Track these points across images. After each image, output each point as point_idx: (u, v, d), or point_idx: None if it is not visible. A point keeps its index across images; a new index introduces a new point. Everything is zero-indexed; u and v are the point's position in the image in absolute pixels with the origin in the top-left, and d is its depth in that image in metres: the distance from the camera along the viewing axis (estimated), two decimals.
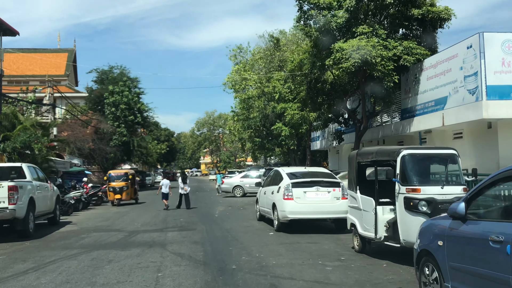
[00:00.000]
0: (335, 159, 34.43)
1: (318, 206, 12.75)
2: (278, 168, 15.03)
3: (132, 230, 14.51)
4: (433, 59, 20.06)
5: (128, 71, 46.71)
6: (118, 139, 43.34)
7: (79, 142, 40.89)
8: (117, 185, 25.32)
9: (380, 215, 9.03)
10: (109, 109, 43.60)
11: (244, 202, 25.29)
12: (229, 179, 32.37)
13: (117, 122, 43.79)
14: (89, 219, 18.60)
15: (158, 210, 21.33)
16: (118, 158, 43.32)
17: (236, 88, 48.12)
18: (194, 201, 27.79)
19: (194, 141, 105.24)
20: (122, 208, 23.86)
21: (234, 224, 15.38)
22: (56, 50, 63.44)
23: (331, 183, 13.02)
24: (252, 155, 58.28)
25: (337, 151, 34.26)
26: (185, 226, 15.25)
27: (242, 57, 50.78)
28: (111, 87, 43.76)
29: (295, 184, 12.91)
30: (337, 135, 25.54)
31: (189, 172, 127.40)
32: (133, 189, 26.57)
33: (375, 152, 9.36)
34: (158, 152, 66.65)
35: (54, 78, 58.15)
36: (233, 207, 22.71)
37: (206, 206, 23.73)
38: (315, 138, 36.71)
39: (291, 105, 30.40)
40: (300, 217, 12.85)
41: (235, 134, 50.10)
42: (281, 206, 12.90)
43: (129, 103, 43.84)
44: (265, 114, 45.30)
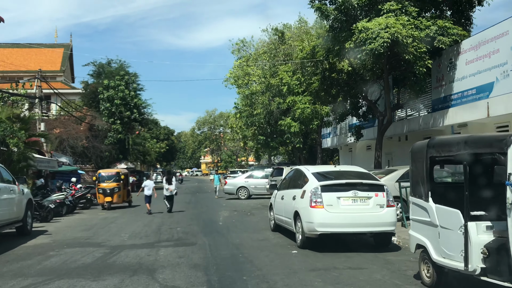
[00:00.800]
0: (347, 158, 31.30)
1: (356, 217, 9.62)
2: (300, 167, 11.83)
3: (116, 244, 11.38)
4: (474, 40, 16.91)
5: (128, 65, 43.60)
6: (113, 136, 40.21)
7: (72, 139, 37.90)
8: (108, 186, 22.18)
9: (473, 235, 5.89)
10: (104, 105, 40.46)
11: (250, 206, 22.17)
12: (232, 179, 29.25)
13: (112, 118, 40.64)
14: (69, 227, 15.46)
15: (153, 216, 18.20)
16: (113, 156, 40.18)
17: (239, 83, 45.03)
18: (194, 203, 24.72)
19: (194, 140, 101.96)
20: (112, 212, 20.72)
21: (244, 236, 12.25)
22: (51, 46, 60.29)
23: (372, 186, 9.89)
24: (254, 154, 55.17)
25: (349, 149, 31.13)
26: (182, 238, 12.12)
27: (245, 51, 47.71)
28: (106, 81, 40.62)
29: (326, 187, 9.79)
30: (355, 131, 22.38)
31: (190, 172, 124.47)
32: (126, 190, 23.45)
33: (463, 142, 6.20)
34: (157, 151, 63.53)
35: (49, 74, 55.54)
36: (238, 211, 19.58)
37: (208, 210, 20.61)
38: (325, 135, 33.60)
39: (301, 99, 27.29)
40: (333, 231, 9.73)
41: (237, 131, 46.98)
42: (308, 216, 9.78)
43: (125, 98, 40.68)
44: (270, 110, 42.21)
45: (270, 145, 43.42)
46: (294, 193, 10.74)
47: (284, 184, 12.29)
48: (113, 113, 40.62)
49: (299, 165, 37.47)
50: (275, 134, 43.89)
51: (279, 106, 41.18)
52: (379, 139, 20.67)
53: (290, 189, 11.34)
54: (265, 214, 17.75)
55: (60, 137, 37.89)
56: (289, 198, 11.03)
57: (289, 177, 12.07)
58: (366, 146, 28.13)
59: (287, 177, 12.36)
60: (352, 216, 9.61)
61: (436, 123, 18.90)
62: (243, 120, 44.29)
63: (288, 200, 11.10)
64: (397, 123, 22.46)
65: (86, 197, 23.12)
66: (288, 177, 12.11)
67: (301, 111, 26.64)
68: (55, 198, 18.78)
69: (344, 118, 23.24)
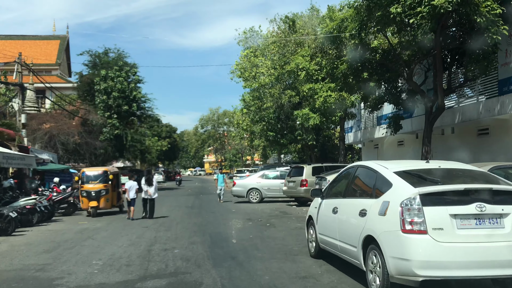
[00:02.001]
0: (372, 156, 26.98)
1: (485, 250, 5.34)
2: (368, 163, 7.34)
3: (77, 284, 7.13)
4: None
5: (127, 55, 39.25)
6: (109, 132, 35.95)
7: (63, 135, 33.70)
8: (93, 188, 17.94)
9: None
10: (100, 97, 36.20)
11: (266, 212, 17.90)
12: (242, 180, 24.97)
13: (109, 112, 36.37)
14: (30, 245, 11.20)
15: (144, 227, 13.95)
16: (109, 154, 35.94)
17: (246, 75, 40.74)
18: (198, 208, 20.44)
19: (197, 139, 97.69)
20: (96, 221, 16.46)
21: (273, 266, 7.96)
22: (47, 37, 56.14)
23: (507, 196, 5.63)
24: (262, 153, 50.90)
25: (375, 146, 26.79)
26: (181, 271, 7.83)
27: (253, 41, 43.44)
28: (103, 72, 36.35)
29: (430, 197, 5.51)
30: (393, 121, 18.05)
31: (193, 171, 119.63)
32: (116, 193, 19.21)
33: None
34: (158, 149, 59.25)
35: (44, 67, 51.41)
36: (254, 220, 15.31)
37: (215, 219, 16.31)
38: (346, 130, 29.30)
39: (322, 86, 22.99)
40: (448, 275, 5.40)
41: (244, 128, 42.68)
42: (397, 247, 5.50)
43: (124, 90, 36.38)
44: (280, 104, 37.99)
45: (280, 142, 39.25)
46: (363, 205, 6.43)
47: (337, 189, 7.96)
48: (110, 107, 36.36)
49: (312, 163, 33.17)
50: (285, 130, 39.71)
51: (291, 99, 37.03)
52: (428, 131, 16.34)
53: (352, 198, 7.06)
54: (289, 225, 13.57)
55: (50, 132, 33.79)
56: (352, 212, 6.72)
57: (347, 178, 7.72)
58: (397, 141, 23.86)
59: (342, 178, 8.04)
60: (479, 248, 5.33)
61: (504, 110, 14.62)
62: (250, 115, 40.06)
63: (350, 216, 6.79)
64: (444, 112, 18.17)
65: (68, 201, 18.92)
66: (346, 179, 7.76)
67: (323, 100, 22.33)
68: (23, 204, 14.59)
69: (378, 107, 18.90)
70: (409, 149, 22.83)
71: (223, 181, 24.46)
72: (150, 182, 16.69)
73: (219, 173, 25.11)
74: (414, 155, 22.21)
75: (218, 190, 24.10)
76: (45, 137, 33.50)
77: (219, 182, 24.33)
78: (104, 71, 36.22)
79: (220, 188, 24.06)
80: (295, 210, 18.60)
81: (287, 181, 21.29)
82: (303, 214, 16.00)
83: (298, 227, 13.09)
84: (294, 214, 17.24)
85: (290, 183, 20.91)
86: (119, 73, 36.20)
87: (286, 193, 21.44)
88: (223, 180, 24.40)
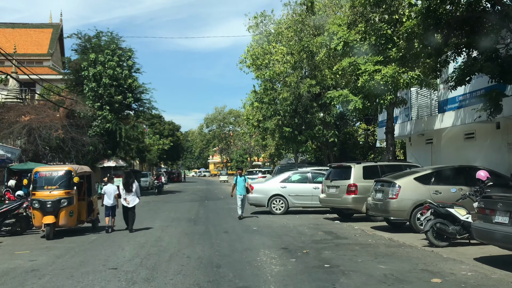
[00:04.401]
0: (423, 154, 20.67)
1: None
2: None
3: None
4: None
5: (121, 39, 32.95)
6: (99, 126, 29.84)
7: (45, 129, 27.69)
8: (48, 196, 11.73)
9: None
10: (89, 85, 30.07)
11: (304, 233, 11.70)
12: (260, 184, 18.66)
13: (99, 102, 30.25)
14: None
15: (112, 270, 7.75)
16: (100, 152, 29.79)
17: (258, 64, 34.49)
18: (203, 223, 14.09)
19: (202, 139, 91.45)
20: (44, 249, 10.21)
21: None
22: (39, 26, 50.00)
23: None
24: (274, 153, 44.61)
25: (427, 140, 20.48)
26: None
27: (265, 27, 37.28)
28: (92, 56, 30.23)
29: None
30: (494, 99, 11.79)
31: (197, 172, 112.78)
32: (87, 203, 13.01)
33: None
34: (160, 148, 53.07)
35: (35, 57, 45.42)
36: (294, 252, 9.07)
37: (232, 247, 9.96)
38: (383, 123, 23.04)
39: (366, 60, 16.73)
40: None
41: (254, 124, 36.40)
42: None
43: (117, 77, 30.23)
44: (298, 95, 31.81)
45: (297, 139, 33.07)
46: None
47: None
48: (100, 96, 30.22)
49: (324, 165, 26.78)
50: (303, 125, 33.52)
51: (310, 89, 30.90)
52: None
53: None
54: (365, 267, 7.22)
55: (29, 125, 27.76)
56: None
57: None
58: (463, 133, 17.62)
59: None
60: None
61: None
62: (262, 110, 33.85)
63: None
64: None
65: (18, 214, 12.75)
66: None
67: (368, 79, 16.08)
68: None
69: (468, 79, 12.59)
70: (483, 143, 16.63)
71: (246, 187, 15.82)
72: (129, 188, 12.81)
73: (238, 175, 15.83)
74: (493, 152, 16.00)
75: (238, 200, 15.56)
76: (23, 130, 27.49)
77: (239, 189, 15.61)
78: (93, 55, 30.11)
79: (240, 197, 15.57)
80: (346, 230, 12.41)
81: (326, 187, 15.07)
82: (365, 239, 9.97)
83: (386, 273, 6.96)
84: (349, 237, 11.06)
85: (331, 189, 14.69)
86: (111, 57, 30.07)
87: (325, 203, 15.23)
88: (245, 186, 15.74)
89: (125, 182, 12.81)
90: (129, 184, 12.72)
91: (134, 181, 12.92)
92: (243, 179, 15.70)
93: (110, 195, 12.84)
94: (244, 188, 15.67)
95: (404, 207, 11.37)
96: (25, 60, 39.75)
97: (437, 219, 9.48)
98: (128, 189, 12.68)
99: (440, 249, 9.16)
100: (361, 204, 13.85)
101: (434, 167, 12.11)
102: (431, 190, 11.43)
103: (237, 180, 15.75)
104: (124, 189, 12.72)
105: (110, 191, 12.91)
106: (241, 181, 15.64)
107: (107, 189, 13.03)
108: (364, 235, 11.46)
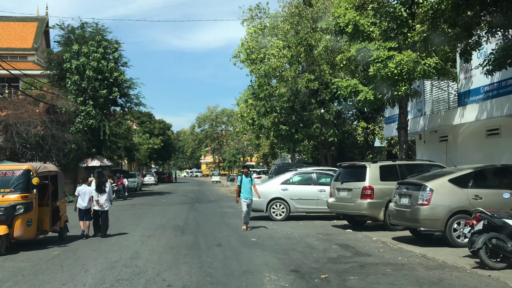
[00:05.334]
0: (432, 152, 18.52)
1: None
2: None
3: None
4: None
5: (106, 29, 30.30)
6: (82, 122, 27.41)
7: (23, 125, 25.28)
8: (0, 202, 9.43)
9: None
10: (71, 78, 27.62)
11: (314, 246, 9.44)
12: (260, 186, 16.37)
13: (82, 97, 27.81)
14: None
15: None
16: (83, 150, 27.33)
17: (252, 58, 32.21)
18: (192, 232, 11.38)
19: (194, 138, 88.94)
20: None
21: None
22: (23, 19, 47.31)
23: None
24: (268, 152, 42.38)
25: (442, 137, 18.34)
26: None
27: (260, 19, 35.01)
28: (75, 47, 27.78)
29: None
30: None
31: (189, 173, 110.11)
32: (51, 209, 10.67)
33: None
34: (150, 147, 50.57)
35: (18, 52, 42.87)
36: (309, 278, 6.83)
37: (226, 267, 7.70)
38: (391, 118, 20.86)
39: (379, 46, 14.55)
40: None
41: (249, 122, 34.14)
42: None
43: (102, 70, 27.80)
44: (295, 90, 29.58)
45: (294, 138, 30.87)
46: None
47: None
48: (84, 90, 27.77)
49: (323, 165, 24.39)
50: (301, 123, 31.32)
51: (308, 84, 28.75)
52: None
53: None
54: None
55: (5, 121, 25.35)
56: None
57: None
58: (486, 129, 15.49)
59: None
60: None
61: None
62: (257, 107, 31.65)
63: None
64: None
65: None
66: None
67: (382, 66, 13.92)
68: None
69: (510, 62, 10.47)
70: (509, 140, 14.52)
71: (252, 190, 12.62)
72: (101, 189, 11.33)
73: (244, 175, 12.62)
74: None
75: (244, 206, 12.37)
76: None
77: (245, 192, 12.40)
78: (76, 46, 27.67)
79: (246, 201, 12.34)
80: (364, 242, 10.18)
81: (335, 189, 12.83)
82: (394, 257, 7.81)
83: None
84: (372, 253, 8.82)
85: (342, 193, 12.47)
86: (94, 48, 27.64)
87: (334, 208, 12.99)
88: (251, 188, 12.53)
89: (97, 183, 11.28)
90: (102, 184, 11.23)
91: (107, 181, 11.52)
92: (249, 180, 12.53)
93: (85, 197, 11.39)
94: (251, 191, 12.52)
95: (438, 216, 9.20)
96: (8, 54, 37.23)
97: (491, 233, 7.30)
98: (101, 190, 11.19)
99: (498, 272, 6.98)
100: (378, 210, 11.68)
101: (474, 167, 9.93)
102: (470, 194, 9.28)
103: (242, 181, 12.49)
104: (96, 190, 11.20)
105: (84, 192, 11.46)
106: (247, 182, 12.49)
107: (81, 190, 11.47)
108: (389, 250, 9.26)
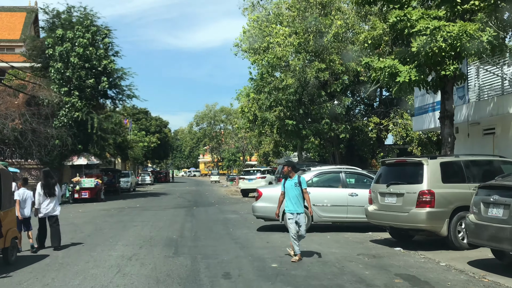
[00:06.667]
0: (473, 147, 15.35)
1: None
2: None
3: None
4: None
5: (95, 14, 26.81)
6: (66, 115, 24.16)
7: None
8: None
9: None
10: (54, 66, 24.37)
11: (364, 277, 6.22)
12: (269, 189, 13.11)
13: (67, 87, 24.54)
14: None
15: None
16: (68, 147, 24.07)
17: (255, 47, 28.97)
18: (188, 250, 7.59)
19: (192, 137, 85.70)
20: None
21: None
22: (10, 9, 44.08)
23: None
24: (272, 150, 39.18)
25: (486, 130, 15.18)
26: None
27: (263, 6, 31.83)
28: (59, 32, 24.53)
29: None
30: None
31: (187, 172, 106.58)
32: None
33: None
34: (146, 145, 47.35)
35: (5, 43, 39.67)
36: None
37: None
38: (426, 107, 17.67)
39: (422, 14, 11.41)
40: None
41: (250, 118, 30.89)
42: None
43: (89, 57, 24.54)
44: (304, 81, 26.36)
45: (301, 133, 27.67)
46: None
47: None
48: (69, 79, 24.51)
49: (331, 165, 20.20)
50: (309, 118, 28.16)
51: (318, 74, 25.65)
52: None
53: None
54: None
55: None
56: None
57: None
58: None
59: None
60: None
61: None
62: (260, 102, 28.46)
63: None
64: None
65: None
66: None
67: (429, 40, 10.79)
68: None
69: None
70: None
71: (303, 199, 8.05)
72: (51, 191, 9.56)
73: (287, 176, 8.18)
74: None
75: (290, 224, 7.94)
76: None
77: (291, 202, 7.99)
78: (60, 31, 24.42)
79: (292, 217, 7.93)
80: (434, 270, 7.03)
81: (377, 194, 9.62)
82: None
83: None
84: None
85: (388, 199, 9.28)
86: (81, 34, 24.37)
87: (377, 219, 9.73)
88: (301, 196, 8.02)
89: (45, 184, 9.51)
90: (50, 186, 9.54)
91: (56, 183, 9.87)
92: (294, 183, 8.01)
93: (25, 202, 9.21)
94: (301, 200, 8.00)
95: None
96: None
97: None
98: (50, 193, 9.51)
99: None
100: (440, 223, 8.54)
101: None
102: None
103: (285, 186, 8.15)
104: (44, 192, 9.45)
105: (25, 196, 9.28)
106: (292, 187, 8.03)
107: (21, 194, 9.23)
108: (477, 283, 6.10)
